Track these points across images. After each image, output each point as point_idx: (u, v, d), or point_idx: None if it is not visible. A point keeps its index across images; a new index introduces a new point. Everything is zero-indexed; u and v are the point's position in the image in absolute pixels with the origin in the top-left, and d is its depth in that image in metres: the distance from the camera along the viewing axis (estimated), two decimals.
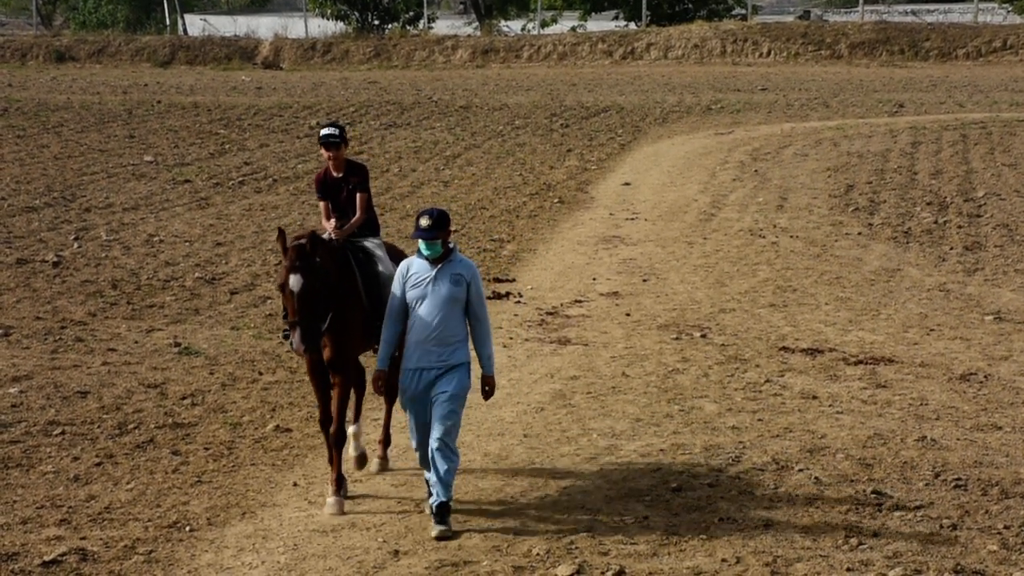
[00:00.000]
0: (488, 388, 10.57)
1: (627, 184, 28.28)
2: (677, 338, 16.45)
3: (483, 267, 21.14)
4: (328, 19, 63.62)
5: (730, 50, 56.64)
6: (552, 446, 12.55)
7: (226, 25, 66.39)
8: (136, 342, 16.51)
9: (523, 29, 65.69)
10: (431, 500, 10.35)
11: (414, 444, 10.63)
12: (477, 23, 67.66)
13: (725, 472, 11.63)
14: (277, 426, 13.34)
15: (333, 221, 11.74)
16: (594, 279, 19.96)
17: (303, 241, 10.65)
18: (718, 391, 14.18)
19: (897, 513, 10.69)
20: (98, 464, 12.29)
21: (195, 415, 13.67)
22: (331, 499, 11.01)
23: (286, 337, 10.92)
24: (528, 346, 16.34)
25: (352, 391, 11.71)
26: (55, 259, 20.56)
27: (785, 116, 38.57)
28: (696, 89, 45.90)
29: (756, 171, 29.10)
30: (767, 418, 13.17)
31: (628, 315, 17.75)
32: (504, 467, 12.01)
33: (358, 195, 11.86)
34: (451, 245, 10.41)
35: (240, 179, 28.49)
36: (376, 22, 64.37)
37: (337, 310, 10.95)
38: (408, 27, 64.24)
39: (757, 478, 11.48)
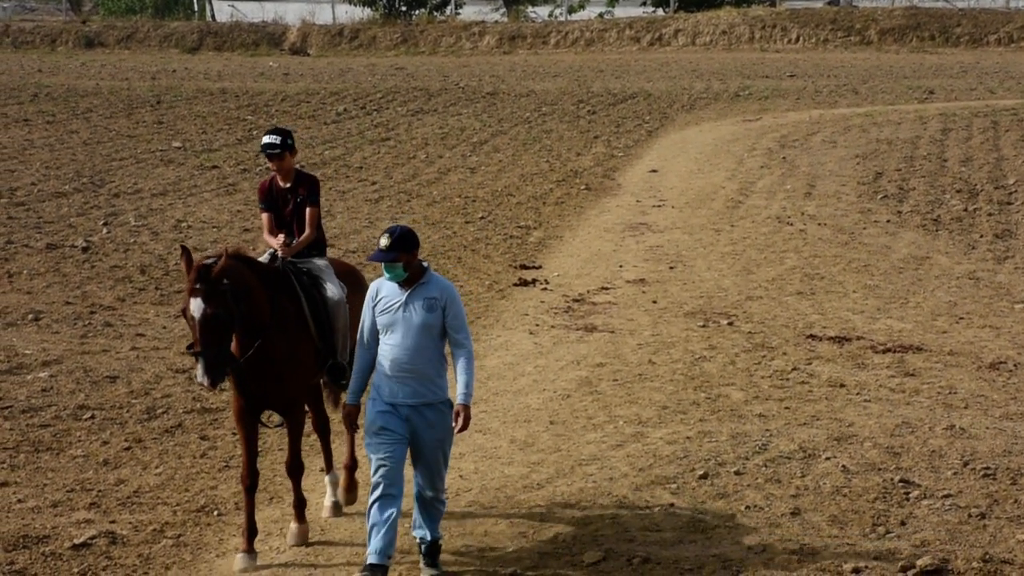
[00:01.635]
0: (462, 420, 9.09)
1: (654, 171, 28.23)
2: (704, 326, 16.42)
3: (509, 254, 21.13)
4: (355, 5, 63.65)
5: (758, 36, 56.45)
6: (578, 433, 12.56)
7: (254, 11, 66.43)
8: (164, 327, 16.58)
9: (550, 15, 65.60)
10: (417, 534, 9.40)
11: (372, 481, 9.08)
12: (504, 9, 67.58)
13: (752, 460, 11.62)
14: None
15: (281, 237, 10.56)
16: (621, 266, 19.94)
17: (209, 261, 9.37)
18: (745, 379, 14.16)
19: (925, 502, 10.66)
20: (127, 448, 12.35)
21: (223, 400, 13.72)
22: (239, 555, 9.79)
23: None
24: (554, 333, 16.34)
25: (317, 435, 10.90)
26: (84, 244, 20.65)
27: (814, 103, 38.42)
28: (724, 75, 45.75)
29: (784, 158, 29.01)
30: (794, 406, 13.15)
31: (655, 302, 17.73)
32: (530, 453, 12.03)
33: (308, 209, 10.67)
34: (424, 265, 9.18)
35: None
36: (403, 8, 64.40)
37: (280, 340, 9.73)
38: (435, 13, 64.24)
39: (784, 466, 11.46)
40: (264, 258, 10.46)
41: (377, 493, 8.95)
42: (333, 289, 10.39)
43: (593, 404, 13.42)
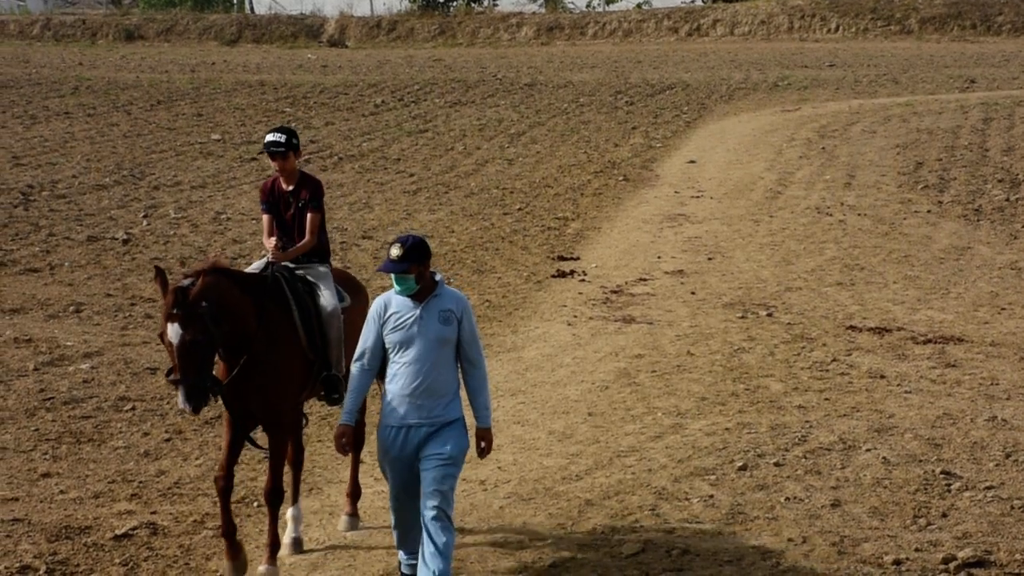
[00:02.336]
0: (484, 444, 8.63)
1: (692, 162, 28.16)
2: (743, 317, 16.38)
3: (547, 245, 21.12)
4: None
5: (797, 26, 56.23)
6: (617, 424, 12.54)
7: (292, 3, 66.73)
8: None
9: (588, 6, 65.57)
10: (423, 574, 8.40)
11: (393, 519, 8.72)
12: (542, 0, 67.55)
13: (791, 451, 11.58)
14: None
15: (274, 240, 10.09)
16: (659, 257, 19.90)
17: (186, 283, 8.82)
18: (784, 370, 14.11)
19: (967, 493, 10.59)
20: (168, 440, 12.42)
21: None
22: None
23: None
24: (592, 324, 16.33)
25: (288, 465, 10.01)
26: (125, 236, 20.76)
27: (853, 93, 38.24)
28: (763, 66, 45.58)
29: (823, 148, 28.88)
30: (834, 397, 13.09)
31: (693, 293, 17.69)
32: (569, 445, 12.02)
33: (309, 214, 10.12)
34: (436, 277, 8.60)
35: (306, 157, 28.62)
36: (441, 0, 64.43)
37: (266, 353, 9.25)
38: (473, 4, 64.32)
39: (824, 458, 11.41)
40: (258, 264, 10.06)
41: (397, 534, 8.75)
42: (328, 298, 9.86)
43: (631, 395, 13.40)
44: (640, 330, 15.96)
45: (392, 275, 8.44)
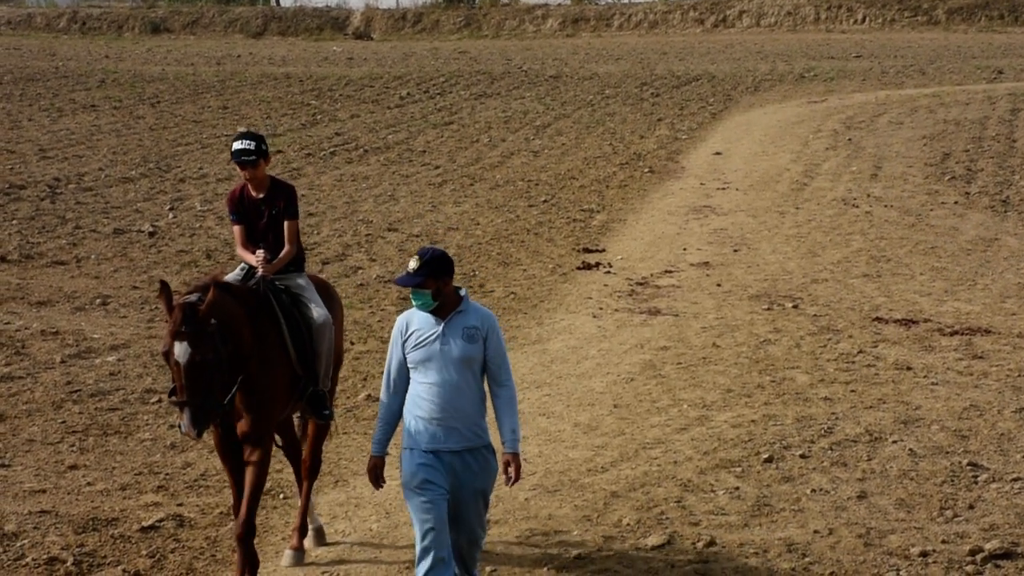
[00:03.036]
0: (512, 471, 7.98)
1: (718, 153, 28.10)
2: (768, 309, 16.34)
3: (573, 237, 21.09)
4: None
5: (824, 16, 56.04)
6: (642, 416, 12.53)
7: None
8: None
9: None
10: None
11: (419, 547, 7.86)
12: None
13: (817, 443, 11.55)
14: (368, 395, 13.43)
15: (261, 253, 9.42)
16: (684, 249, 19.87)
17: (193, 299, 8.40)
18: (810, 362, 14.07)
19: (994, 485, 10.55)
20: None
21: None
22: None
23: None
24: (618, 316, 16.31)
25: (303, 476, 9.86)
26: (151, 229, 20.82)
27: (880, 83, 38.09)
28: (789, 57, 45.44)
29: (850, 140, 28.79)
30: (860, 389, 13.05)
31: (719, 285, 17.66)
32: (594, 437, 12.02)
33: (286, 223, 9.60)
34: (461, 293, 8.06)
35: (331, 149, 28.66)
36: None
37: (259, 369, 8.83)
38: None
39: (850, 450, 11.39)
40: (236, 274, 9.59)
41: (429, 561, 7.78)
42: (318, 310, 9.41)
43: (657, 387, 13.39)
44: (666, 322, 15.94)
45: (411, 290, 7.96)
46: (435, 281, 7.89)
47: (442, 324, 7.94)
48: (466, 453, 7.92)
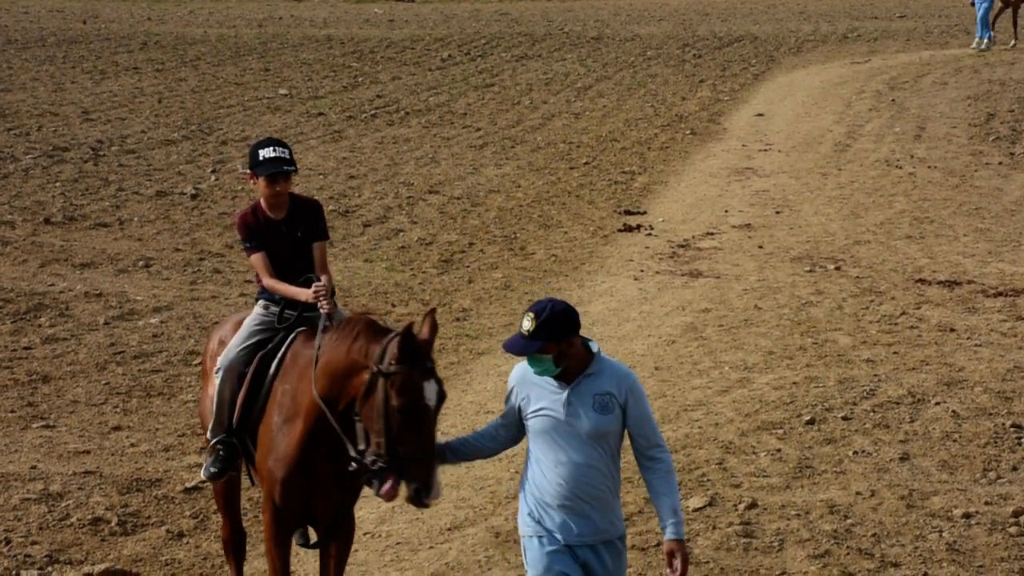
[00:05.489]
0: (679, 562, 6.56)
1: (760, 115, 27.94)
2: (811, 271, 16.27)
3: (614, 199, 21.02)
4: None
5: None
6: (684, 379, 12.52)
7: None
8: None
9: None
10: None
11: None
12: None
13: (859, 405, 11.51)
14: None
15: (320, 286, 7.68)
16: (726, 211, 19.79)
17: (421, 330, 6.85)
18: (852, 324, 14.02)
19: None
20: None
21: None
22: None
23: (370, 479, 6.89)
24: (659, 279, 16.28)
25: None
26: (193, 191, 20.90)
27: (924, 44, 37.76)
28: (832, 17, 45.10)
29: (893, 100, 28.57)
30: (903, 351, 12.99)
31: (761, 247, 17.59)
32: None
33: (316, 244, 8.01)
34: (593, 348, 6.65)
35: (373, 112, 28.66)
36: None
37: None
38: None
39: (892, 411, 11.35)
40: (261, 315, 8.04)
41: None
42: None
43: (698, 350, 13.37)
44: (707, 284, 15.90)
45: (526, 357, 6.61)
46: (556, 344, 6.50)
47: (567, 391, 6.56)
48: (601, 546, 6.64)
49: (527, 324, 6.48)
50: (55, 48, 38.79)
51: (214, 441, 7.95)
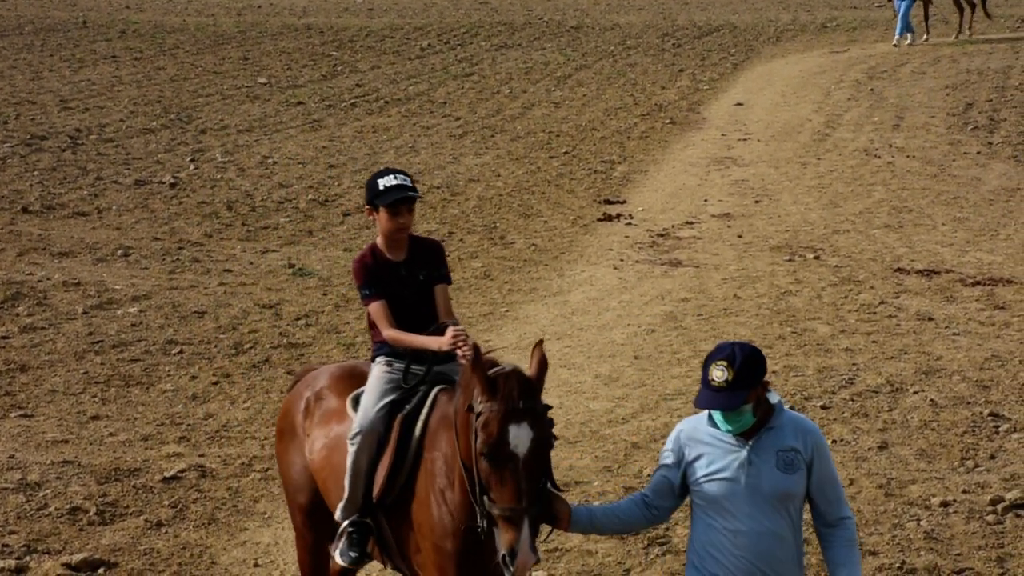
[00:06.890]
0: None
1: (739, 104, 27.96)
2: (790, 260, 16.30)
3: (593, 188, 21.02)
4: None
5: None
6: (663, 368, 12.54)
7: None
8: (251, 263, 16.72)
9: None
10: None
11: None
12: None
13: (838, 394, 11.55)
14: None
15: (453, 332, 6.60)
16: (705, 200, 19.81)
17: (521, 368, 6.16)
18: (831, 313, 14.05)
19: (1015, 435, 10.55)
20: (215, 383, 12.50)
21: (309, 336, 13.83)
22: None
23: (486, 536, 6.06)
24: (639, 268, 16.30)
25: None
26: (172, 180, 20.84)
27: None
28: (811, 6, 45.15)
29: (872, 90, 28.63)
30: (881, 340, 13.03)
31: (740, 237, 17.62)
32: (615, 388, 12.03)
33: (438, 287, 7.13)
34: (773, 400, 5.90)
35: (352, 101, 28.60)
36: None
37: None
38: None
39: (871, 400, 11.38)
40: (387, 372, 7.03)
41: None
42: None
43: (678, 339, 13.38)
44: (687, 273, 15.92)
45: (718, 414, 5.83)
46: (755, 391, 5.78)
47: (746, 448, 5.80)
48: None
49: (719, 375, 5.70)
50: (33, 36, 38.62)
51: (347, 523, 6.89)
